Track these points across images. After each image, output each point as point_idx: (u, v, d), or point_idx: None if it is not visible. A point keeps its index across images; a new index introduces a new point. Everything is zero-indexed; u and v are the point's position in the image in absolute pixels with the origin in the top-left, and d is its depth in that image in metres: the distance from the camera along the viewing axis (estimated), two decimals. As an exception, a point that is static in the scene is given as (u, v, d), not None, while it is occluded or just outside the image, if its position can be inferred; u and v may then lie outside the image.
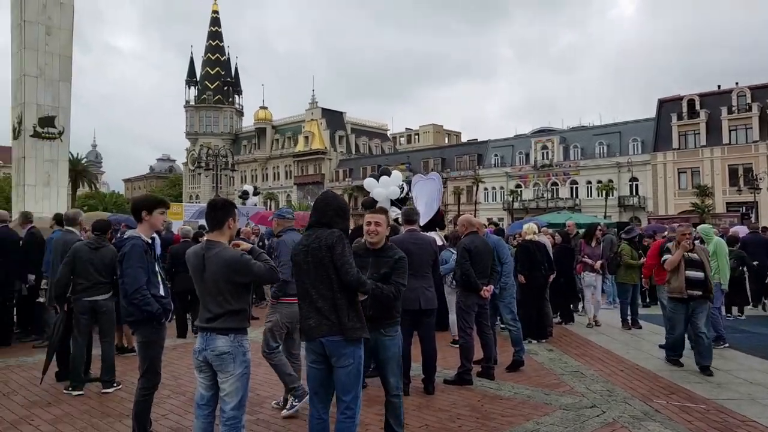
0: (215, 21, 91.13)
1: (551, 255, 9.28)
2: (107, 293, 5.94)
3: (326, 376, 3.55)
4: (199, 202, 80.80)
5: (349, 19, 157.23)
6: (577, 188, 55.73)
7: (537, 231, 9.10)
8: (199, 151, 77.00)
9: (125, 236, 4.53)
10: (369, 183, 10.69)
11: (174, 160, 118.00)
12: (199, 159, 42.45)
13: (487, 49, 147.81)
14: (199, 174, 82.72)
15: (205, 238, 3.75)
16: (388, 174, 11.81)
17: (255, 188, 29.01)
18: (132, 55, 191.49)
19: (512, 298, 7.20)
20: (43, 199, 15.18)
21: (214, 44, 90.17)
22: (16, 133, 15.44)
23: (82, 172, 60.15)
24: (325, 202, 3.69)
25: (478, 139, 71.49)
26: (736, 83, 49.26)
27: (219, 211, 3.62)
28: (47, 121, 15.22)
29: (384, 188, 11.18)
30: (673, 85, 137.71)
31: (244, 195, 26.59)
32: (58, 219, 8.36)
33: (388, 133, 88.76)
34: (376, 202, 10.54)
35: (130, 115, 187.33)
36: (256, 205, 27.93)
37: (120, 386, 5.98)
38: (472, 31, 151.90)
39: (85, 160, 66.78)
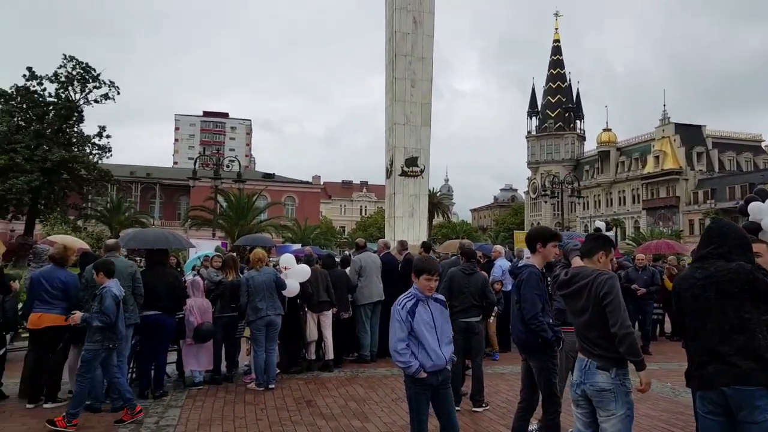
0: (556, 50, 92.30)
1: None
2: (478, 316, 6.51)
3: (728, 430, 3.11)
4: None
5: (695, 22, 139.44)
6: None
7: None
8: (542, 179, 78.63)
9: (519, 265, 4.96)
10: (756, 208, 8.27)
11: (516, 189, 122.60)
12: (543, 187, 43.24)
13: None
14: (544, 202, 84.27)
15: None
16: (763, 196, 9.65)
17: (607, 223, 27.44)
18: (473, 94, 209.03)
19: None
20: (408, 228, 17.87)
21: (555, 72, 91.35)
22: (388, 173, 18.63)
23: (437, 204, 67.78)
24: (722, 231, 3.36)
25: None
26: None
27: (593, 242, 3.84)
28: (412, 162, 17.98)
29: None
30: None
31: (597, 232, 25.39)
32: (426, 247, 9.90)
33: (763, 144, 74.73)
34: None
35: (474, 149, 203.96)
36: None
37: (488, 407, 6.43)
38: None
39: (439, 193, 75.25)
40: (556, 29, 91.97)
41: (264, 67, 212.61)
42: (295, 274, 8.32)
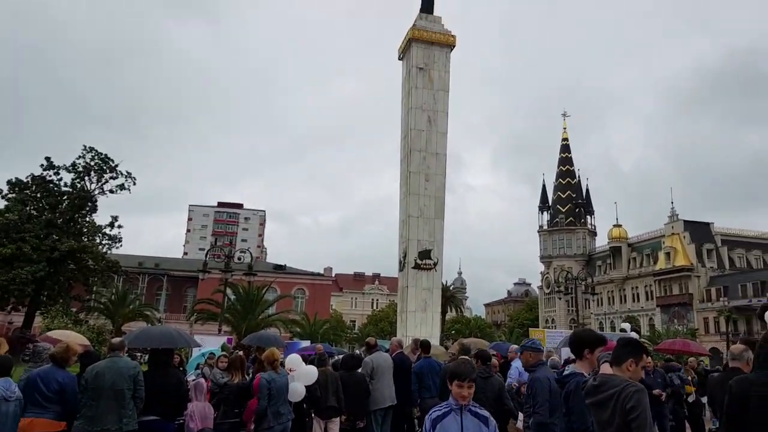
0: (565, 148, 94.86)
1: None
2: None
3: None
4: (555, 326, 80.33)
5: (698, 123, 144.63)
6: None
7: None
8: (555, 274, 77.65)
9: (565, 373, 4.59)
10: None
11: (529, 284, 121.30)
12: (557, 282, 42.59)
13: None
14: (558, 298, 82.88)
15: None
16: None
17: (632, 325, 25.59)
18: (485, 189, 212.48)
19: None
20: (421, 323, 17.30)
21: (564, 169, 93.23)
22: (402, 266, 18.34)
23: (450, 298, 66.73)
24: None
25: None
26: None
27: (622, 349, 3.58)
28: (425, 254, 17.72)
29: None
30: None
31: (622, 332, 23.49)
32: (424, 345, 9.25)
33: (775, 237, 74.34)
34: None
35: (487, 242, 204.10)
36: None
37: None
38: None
39: (452, 286, 74.21)
40: (564, 128, 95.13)
41: (279, 158, 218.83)
42: (301, 376, 7.80)
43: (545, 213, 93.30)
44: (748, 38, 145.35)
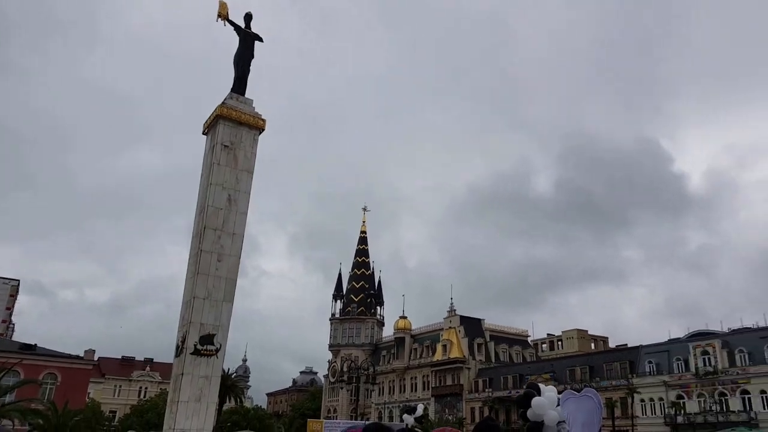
0: (363, 240, 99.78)
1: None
2: None
3: None
4: (336, 416, 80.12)
5: (472, 232, 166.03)
6: (749, 398, 47.79)
7: None
8: (342, 363, 78.55)
9: None
10: (539, 404, 9.05)
11: (316, 373, 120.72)
12: (341, 372, 42.98)
13: (614, 254, 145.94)
14: (341, 387, 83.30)
15: None
16: (537, 390, 10.67)
17: (414, 413, 17.34)
18: (280, 274, 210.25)
19: None
20: (194, 415, 15.87)
21: (360, 260, 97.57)
22: (179, 351, 16.83)
23: (231, 387, 62.96)
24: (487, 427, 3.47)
25: (627, 344, 65.94)
26: None
27: None
28: (207, 339, 16.57)
29: (555, 410, 9.85)
30: None
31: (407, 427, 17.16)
32: None
33: (529, 339, 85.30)
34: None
35: (277, 330, 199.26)
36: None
37: None
38: (596, 240, 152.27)
39: (234, 374, 70.41)
40: (364, 222, 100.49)
41: (46, 224, 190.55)
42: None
43: (339, 302, 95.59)
44: (511, 163, 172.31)
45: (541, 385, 10.05)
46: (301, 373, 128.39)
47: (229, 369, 63.59)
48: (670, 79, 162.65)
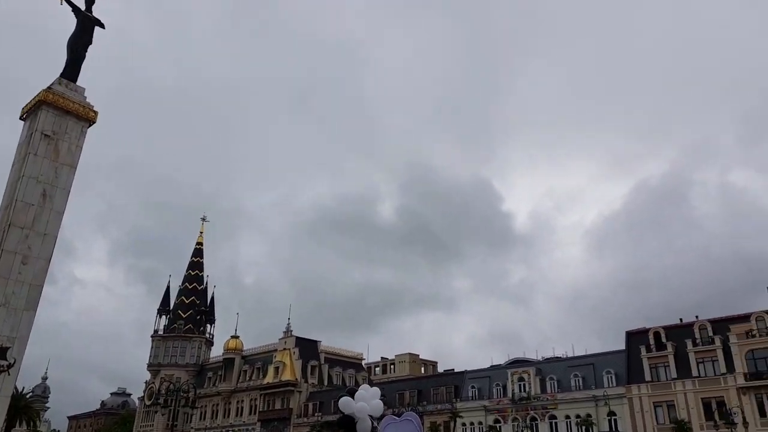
0: (198, 252, 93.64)
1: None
2: None
3: None
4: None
5: (314, 252, 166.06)
6: (556, 423, 53.20)
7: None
8: (160, 384, 72.90)
9: None
10: (346, 403, 9.43)
11: (130, 394, 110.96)
12: (158, 394, 39.87)
13: (447, 283, 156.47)
14: (155, 411, 77.13)
15: None
16: (351, 394, 10.81)
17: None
18: (96, 284, 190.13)
19: None
20: (-27, 440, 13.61)
21: (193, 273, 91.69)
22: (-38, 365, 14.41)
23: (23, 408, 55.45)
24: None
25: (454, 369, 69.91)
26: (696, 317, 50.75)
27: None
28: (0, 353, 14.38)
29: (366, 402, 10.07)
30: (636, 316, 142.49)
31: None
32: None
33: (363, 363, 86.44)
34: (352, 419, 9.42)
35: (89, 345, 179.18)
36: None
37: None
38: (432, 268, 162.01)
39: (30, 394, 62.38)
40: (201, 233, 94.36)
41: None
42: None
43: (164, 317, 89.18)
44: (356, 187, 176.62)
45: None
46: (112, 394, 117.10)
47: (23, 388, 56.23)
48: (506, 124, 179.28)
